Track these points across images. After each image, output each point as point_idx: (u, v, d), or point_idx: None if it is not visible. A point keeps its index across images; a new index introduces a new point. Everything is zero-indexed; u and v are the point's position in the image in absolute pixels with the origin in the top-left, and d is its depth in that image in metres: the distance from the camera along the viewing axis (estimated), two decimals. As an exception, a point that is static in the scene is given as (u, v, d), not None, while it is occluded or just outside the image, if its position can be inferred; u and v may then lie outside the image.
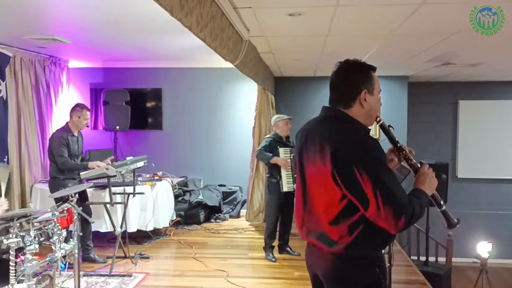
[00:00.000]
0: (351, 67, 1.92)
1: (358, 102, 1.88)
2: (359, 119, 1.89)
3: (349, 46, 5.14)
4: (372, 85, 1.90)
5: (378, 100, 1.95)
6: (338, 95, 1.92)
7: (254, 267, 5.01)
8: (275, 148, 5.08)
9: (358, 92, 1.87)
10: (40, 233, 3.29)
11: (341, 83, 1.92)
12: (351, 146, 1.77)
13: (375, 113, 1.96)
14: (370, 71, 1.92)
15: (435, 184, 1.91)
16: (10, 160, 5.76)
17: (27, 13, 4.08)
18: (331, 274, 1.93)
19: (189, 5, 2.23)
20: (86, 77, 7.56)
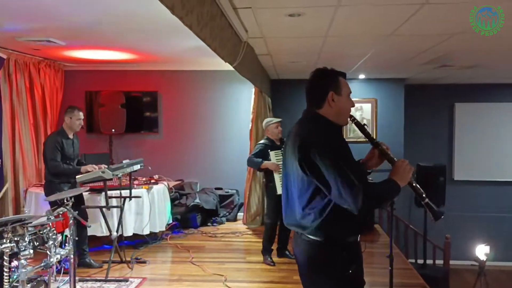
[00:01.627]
0: (319, 72, 2.24)
1: (327, 103, 2.16)
2: (330, 118, 2.17)
3: (347, 48, 5.11)
4: (338, 87, 2.17)
5: (347, 101, 2.20)
6: (310, 98, 2.24)
7: (252, 271, 4.95)
8: (266, 152, 5.05)
9: (326, 94, 2.16)
10: (35, 238, 3.22)
11: (312, 87, 2.23)
12: (313, 138, 2.08)
13: (346, 112, 2.22)
14: (337, 76, 2.21)
15: (408, 175, 2.12)
16: (4, 164, 5.67)
17: (21, 14, 4.01)
18: (302, 256, 2.19)
19: (190, 3, 2.18)
20: (81, 80, 7.47)
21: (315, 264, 2.15)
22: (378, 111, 8.37)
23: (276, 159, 4.99)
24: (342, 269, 2.10)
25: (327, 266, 2.12)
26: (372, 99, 8.39)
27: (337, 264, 2.11)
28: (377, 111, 8.37)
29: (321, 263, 2.13)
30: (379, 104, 8.37)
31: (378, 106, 8.38)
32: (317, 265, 2.15)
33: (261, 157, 5.04)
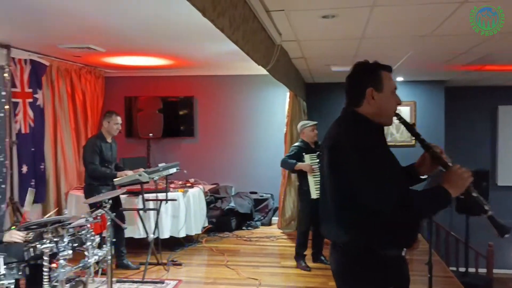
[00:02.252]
0: (358, 67, 2.04)
1: (366, 100, 1.95)
2: (371, 116, 1.96)
3: (384, 49, 5.01)
4: (379, 83, 1.95)
5: (390, 98, 1.97)
6: (348, 96, 2.03)
7: (287, 276, 4.91)
8: (301, 155, 4.99)
9: (364, 90, 1.95)
10: (73, 239, 3.31)
11: (349, 83, 2.03)
12: (346, 140, 1.89)
13: (389, 111, 1.98)
14: (378, 70, 1.97)
15: (464, 184, 1.85)
16: (46, 167, 5.89)
17: (63, 23, 4.15)
18: (336, 267, 2.00)
19: (222, 6, 2.19)
20: (120, 86, 7.67)
21: (349, 277, 1.95)
22: (417, 114, 8.16)
23: (311, 162, 4.93)
24: (376, 284, 1.88)
25: (361, 281, 1.90)
26: (411, 102, 8.19)
27: (374, 280, 1.88)
28: (416, 114, 8.16)
29: (356, 277, 1.92)
30: (418, 107, 8.16)
31: (417, 109, 8.17)
32: (351, 278, 1.94)
33: (295, 159, 5.00)
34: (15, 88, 5.36)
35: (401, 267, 1.96)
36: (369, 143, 1.87)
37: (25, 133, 5.51)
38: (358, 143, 1.85)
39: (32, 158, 5.61)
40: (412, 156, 2.24)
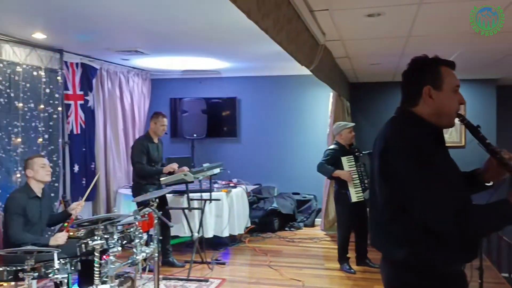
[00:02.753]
0: (414, 63, 1.82)
1: (422, 99, 1.76)
2: (428, 117, 1.76)
3: (431, 47, 4.86)
4: (438, 80, 1.74)
5: (450, 97, 1.76)
6: (403, 94, 1.86)
7: (331, 278, 4.86)
8: (338, 158, 4.89)
9: (421, 88, 1.75)
10: (122, 236, 3.42)
11: (405, 80, 1.84)
12: (399, 142, 1.71)
13: (449, 111, 1.77)
14: (437, 66, 1.76)
15: None
16: (96, 167, 6.11)
17: (112, 28, 4.30)
18: (386, 281, 1.84)
19: (266, 7, 2.21)
20: (166, 87, 7.87)
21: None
22: (467, 114, 7.86)
23: (349, 165, 4.84)
24: None
25: None
26: (461, 101, 7.91)
27: None
28: (465, 114, 7.87)
29: None
30: (468, 106, 7.84)
31: (467, 108, 7.86)
32: None
33: (332, 163, 4.90)
34: (67, 91, 5.60)
35: (458, 283, 1.79)
36: (426, 148, 1.67)
37: (77, 134, 5.74)
38: (414, 149, 1.67)
39: (83, 157, 5.85)
40: (461, 158, 2.05)
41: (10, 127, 4.65)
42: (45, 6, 3.49)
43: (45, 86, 5.09)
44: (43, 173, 3.79)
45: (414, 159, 1.64)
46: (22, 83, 4.79)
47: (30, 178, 3.76)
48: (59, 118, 5.30)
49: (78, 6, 3.46)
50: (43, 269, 3.04)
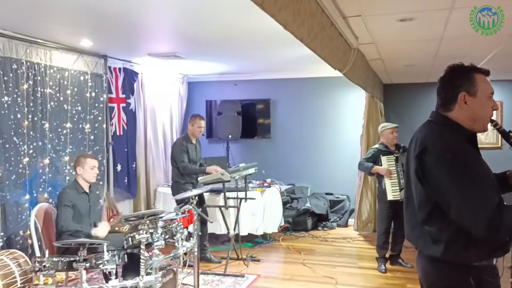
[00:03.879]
0: (451, 70, 1.94)
1: (458, 105, 1.88)
2: (463, 123, 1.88)
3: (465, 49, 4.90)
4: (473, 87, 1.85)
5: (485, 103, 1.87)
6: (439, 99, 1.96)
7: (364, 277, 4.95)
8: (378, 157, 5.02)
9: (456, 94, 1.87)
10: (165, 231, 3.64)
11: (441, 86, 1.95)
12: (435, 145, 1.82)
13: (483, 117, 1.89)
14: (472, 74, 1.87)
15: None
16: (137, 167, 6.42)
17: (152, 34, 4.55)
18: (421, 274, 1.99)
19: (301, 17, 2.36)
20: (202, 90, 8.12)
21: (433, 285, 1.95)
22: (504, 115, 7.74)
23: (388, 164, 4.94)
24: None
25: None
26: (497, 102, 7.79)
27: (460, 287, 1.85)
28: (502, 114, 7.75)
29: (440, 286, 1.92)
30: (505, 107, 7.75)
31: (504, 109, 7.76)
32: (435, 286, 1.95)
33: (372, 161, 5.04)
34: (110, 94, 5.91)
35: (490, 276, 1.88)
36: (463, 155, 1.78)
37: (120, 135, 6.06)
38: (449, 152, 1.79)
39: (125, 157, 6.15)
40: (498, 159, 2.13)
41: (60, 128, 4.99)
42: (91, 15, 3.76)
43: (91, 90, 5.41)
44: (91, 174, 4.07)
45: (451, 165, 1.75)
46: (70, 87, 5.12)
47: (78, 175, 4.05)
48: (103, 120, 5.62)
49: (121, 14, 3.70)
50: (94, 260, 3.30)
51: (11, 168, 4.36)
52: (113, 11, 3.62)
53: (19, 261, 3.85)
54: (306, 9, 2.42)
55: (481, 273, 1.83)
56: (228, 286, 4.57)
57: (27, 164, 4.53)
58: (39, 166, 4.71)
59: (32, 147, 4.61)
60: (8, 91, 4.32)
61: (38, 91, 4.68)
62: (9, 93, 4.33)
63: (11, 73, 4.34)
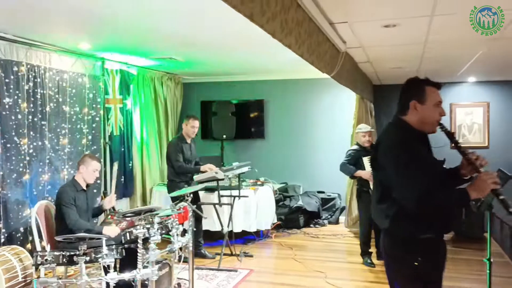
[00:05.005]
0: (407, 82, 2.40)
1: (410, 110, 2.30)
2: (414, 125, 2.30)
3: (450, 52, 5.09)
4: (422, 96, 2.28)
5: (432, 110, 2.28)
6: (398, 105, 2.39)
7: (352, 271, 5.15)
8: (359, 158, 5.21)
9: (409, 102, 2.29)
10: (161, 227, 3.82)
11: (400, 95, 2.39)
12: (387, 140, 2.31)
13: (431, 121, 2.29)
14: (423, 86, 2.31)
15: (486, 189, 2.10)
16: (133, 165, 6.59)
17: (148, 38, 4.72)
18: (383, 248, 2.39)
19: (289, 26, 2.54)
20: (197, 91, 8.29)
21: (389, 254, 2.35)
22: (491, 115, 7.97)
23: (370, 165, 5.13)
24: (409, 261, 2.21)
25: (397, 257, 2.29)
26: (484, 103, 8.02)
27: (405, 257, 2.23)
28: (489, 115, 7.98)
29: (393, 254, 2.31)
30: (491, 107, 7.97)
31: (491, 110, 7.98)
32: (390, 255, 2.34)
33: (353, 163, 5.23)
34: (107, 95, 6.07)
35: (434, 248, 2.27)
36: (406, 146, 2.20)
37: (116, 135, 6.22)
38: (396, 144, 2.23)
39: (122, 157, 6.32)
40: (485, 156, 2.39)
41: (59, 129, 5.15)
42: (90, 19, 3.91)
43: (88, 91, 5.58)
44: (92, 176, 4.23)
45: (396, 155, 2.20)
46: (68, 89, 5.28)
47: (79, 174, 4.20)
48: (100, 120, 5.78)
49: (119, 19, 3.86)
50: (93, 254, 3.47)
51: (12, 167, 4.51)
52: (110, 16, 3.78)
53: (20, 256, 4.01)
54: (293, 19, 2.61)
55: (425, 245, 2.22)
56: (221, 280, 4.75)
57: (27, 163, 4.69)
58: (38, 165, 4.87)
59: (32, 147, 4.76)
60: (9, 92, 4.47)
61: (38, 92, 4.84)
62: (10, 94, 4.49)
63: (12, 75, 4.50)
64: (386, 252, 2.38)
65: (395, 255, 2.30)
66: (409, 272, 2.23)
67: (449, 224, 2.35)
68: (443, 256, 2.36)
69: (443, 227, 2.31)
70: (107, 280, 3.41)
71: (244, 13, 1.90)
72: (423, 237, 2.22)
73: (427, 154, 2.30)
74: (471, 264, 5.32)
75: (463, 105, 8.09)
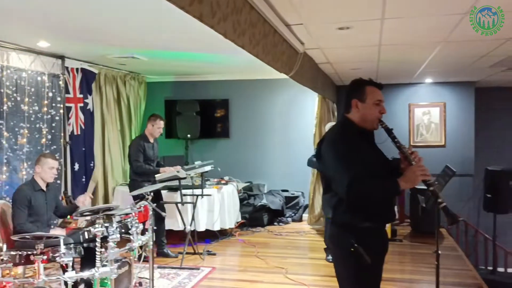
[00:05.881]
0: (351, 83, 2.57)
1: (352, 108, 2.48)
2: (356, 121, 2.47)
3: (404, 54, 5.29)
4: (363, 96, 2.44)
5: (372, 108, 2.43)
6: (344, 103, 2.56)
7: (313, 266, 5.28)
8: None
9: (351, 101, 2.47)
10: (121, 225, 3.82)
11: (345, 94, 2.55)
12: (330, 136, 2.52)
13: (371, 118, 2.44)
14: (364, 86, 2.47)
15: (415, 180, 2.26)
16: (95, 166, 6.52)
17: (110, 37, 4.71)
18: (327, 235, 2.56)
19: (242, 27, 2.61)
20: (161, 90, 8.27)
21: (331, 240, 2.54)
22: (447, 115, 8.30)
23: None
24: (346, 247, 2.32)
25: (337, 244, 2.44)
26: (440, 103, 8.34)
27: (343, 243, 2.35)
28: (445, 115, 8.30)
29: (334, 240, 2.49)
30: (448, 107, 8.30)
31: (447, 109, 8.30)
32: (332, 241, 2.53)
33: None
34: (68, 94, 6.00)
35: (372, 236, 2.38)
36: (345, 141, 2.38)
37: (77, 135, 6.15)
38: (336, 138, 2.43)
39: (83, 157, 6.25)
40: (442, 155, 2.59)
41: (17, 128, 5.07)
42: (49, 18, 3.88)
43: (48, 90, 5.50)
44: (49, 174, 4.19)
45: (334, 149, 2.38)
46: (27, 87, 5.20)
47: (37, 174, 4.16)
48: (61, 120, 5.71)
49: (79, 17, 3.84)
50: (51, 253, 3.44)
51: (-33, 167, 4.42)
52: (70, 14, 3.76)
53: (-25, 257, 3.93)
54: (246, 20, 2.68)
55: (363, 233, 2.33)
56: (184, 279, 4.78)
57: (-17, 163, 4.60)
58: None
59: (-11, 147, 4.67)
60: (-37, 91, 4.38)
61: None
62: (-35, 93, 4.40)
63: (-34, 74, 4.41)
64: (330, 239, 2.55)
65: (335, 241, 2.46)
66: (347, 258, 2.35)
67: (387, 214, 2.49)
68: (381, 245, 2.49)
69: (380, 217, 2.44)
70: (65, 279, 3.39)
71: (193, 14, 1.96)
72: (362, 226, 2.35)
73: (366, 149, 2.43)
74: (426, 257, 5.54)
75: (421, 105, 8.39)
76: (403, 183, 2.26)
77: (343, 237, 2.36)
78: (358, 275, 2.37)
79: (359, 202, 2.30)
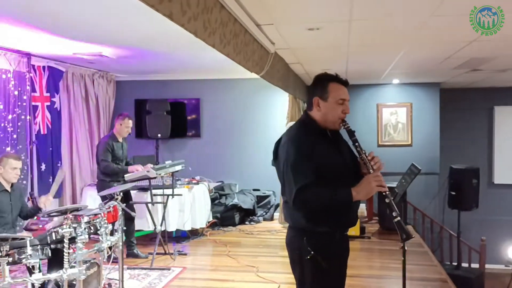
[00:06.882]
0: (314, 78, 2.41)
1: (313, 106, 2.33)
2: (318, 120, 2.32)
3: (373, 54, 5.40)
4: (325, 93, 2.28)
5: (333, 107, 2.28)
6: (306, 101, 2.42)
7: (283, 264, 5.31)
8: None
9: (312, 98, 2.32)
10: (89, 226, 3.76)
11: (308, 91, 2.44)
12: (284, 137, 2.36)
13: (333, 117, 2.29)
14: (327, 82, 2.31)
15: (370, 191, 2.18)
16: (62, 165, 6.38)
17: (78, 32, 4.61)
18: (286, 238, 2.46)
19: (212, 26, 2.62)
20: (131, 89, 8.17)
21: (288, 246, 2.42)
22: (414, 115, 8.52)
23: None
24: (303, 254, 2.24)
25: (294, 249, 2.33)
26: (407, 103, 8.57)
27: (300, 249, 2.27)
28: (412, 115, 8.53)
29: (292, 246, 2.37)
30: (414, 108, 8.53)
31: (414, 110, 8.53)
32: (289, 247, 2.40)
33: None
34: (34, 93, 5.85)
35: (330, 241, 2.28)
36: (297, 141, 2.24)
37: (44, 134, 6.01)
38: (289, 139, 2.28)
39: (50, 157, 6.11)
40: (409, 154, 2.51)
41: (-20, 127, 4.91)
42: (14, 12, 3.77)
43: (13, 88, 5.35)
44: (11, 175, 4.10)
45: (287, 150, 2.24)
46: (-9, 85, 5.04)
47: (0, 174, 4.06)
48: (26, 119, 5.56)
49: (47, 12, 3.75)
50: (17, 255, 3.36)
51: None
52: (37, 9, 3.66)
53: None
54: (217, 19, 2.69)
55: (317, 237, 2.24)
56: (154, 279, 4.74)
57: None
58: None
59: (-50, 146, 4.52)
60: None
61: (-45, 89, 4.59)
62: None
63: None
64: (287, 242, 2.42)
65: (292, 246, 2.36)
66: (305, 263, 2.25)
67: (346, 219, 2.35)
68: (340, 249, 2.38)
69: (339, 222, 2.31)
70: (32, 281, 3.32)
71: (163, 13, 1.96)
72: (320, 230, 2.25)
73: (324, 151, 2.25)
74: (394, 253, 5.67)
75: (389, 106, 8.59)
76: (355, 194, 2.15)
77: (300, 242, 2.25)
78: (314, 280, 2.27)
79: (305, 211, 2.21)
